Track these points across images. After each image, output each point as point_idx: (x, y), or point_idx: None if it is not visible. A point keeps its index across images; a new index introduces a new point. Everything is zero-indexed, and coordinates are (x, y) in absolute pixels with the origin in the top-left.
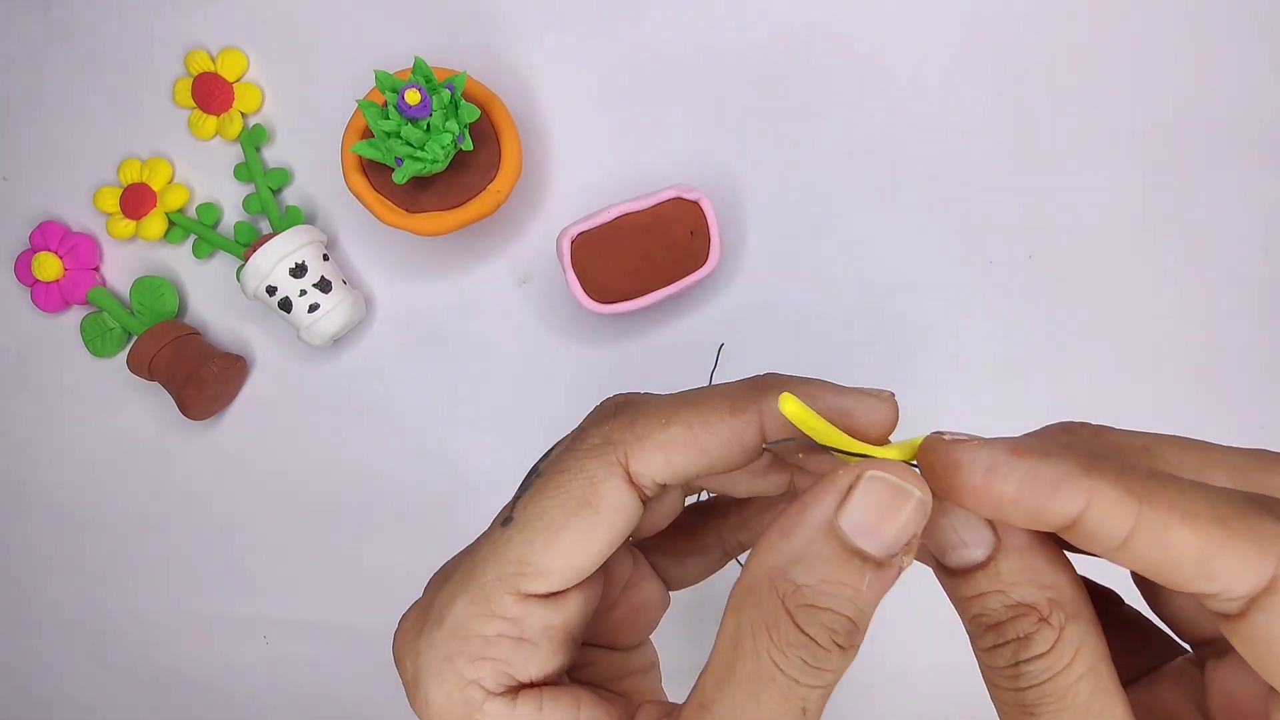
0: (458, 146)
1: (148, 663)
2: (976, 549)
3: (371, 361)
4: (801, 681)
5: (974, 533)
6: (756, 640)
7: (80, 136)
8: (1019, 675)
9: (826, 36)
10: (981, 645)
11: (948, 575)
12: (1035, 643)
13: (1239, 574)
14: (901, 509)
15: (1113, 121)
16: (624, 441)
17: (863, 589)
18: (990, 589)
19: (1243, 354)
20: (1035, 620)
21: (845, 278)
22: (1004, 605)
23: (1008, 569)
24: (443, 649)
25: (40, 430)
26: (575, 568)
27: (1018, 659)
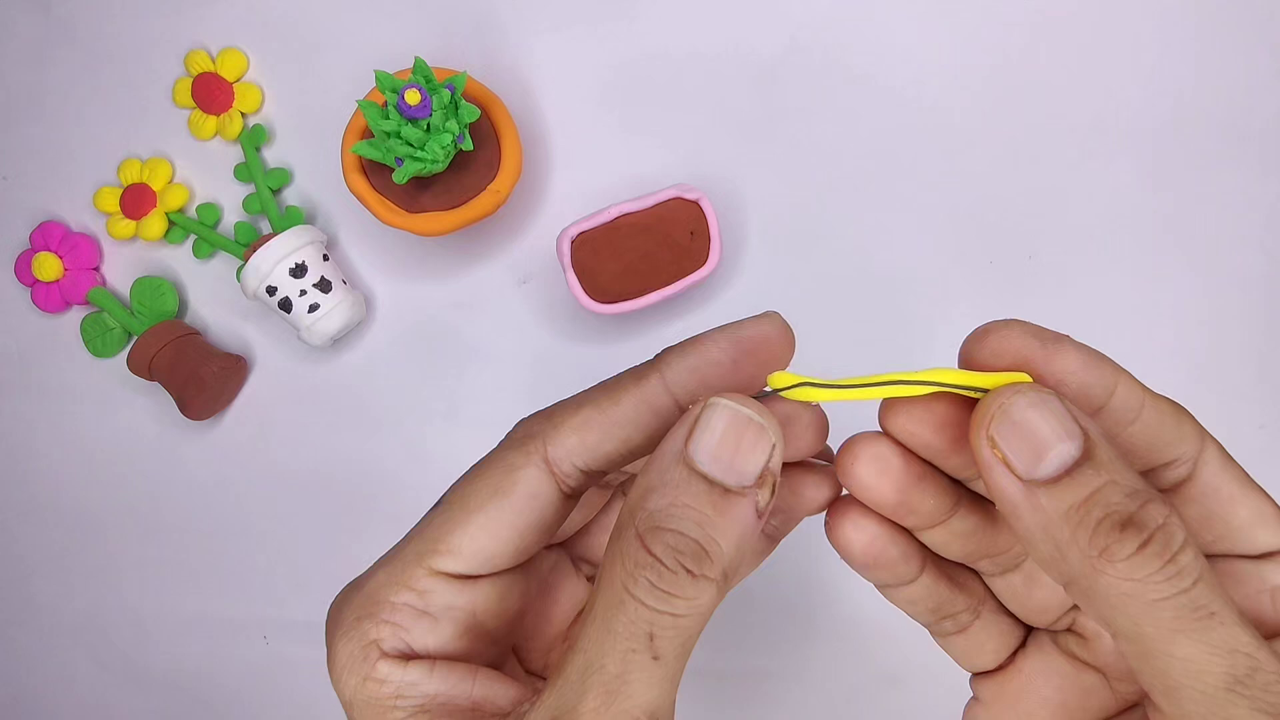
0: (458, 146)
1: (148, 663)
2: (1071, 442)
3: (371, 361)
4: (648, 604)
5: (1065, 422)
6: (612, 569)
7: (80, 136)
8: (1180, 573)
9: (826, 36)
10: (1123, 552)
11: (1049, 488)
12: (1175, 527)
13: (1193, 435)
14: (749, 438)
15: (1113, 121)
16: (541, 432)
17: (709, 513)
18: (1102, 481)
19: (1242, 354)
20: (1162, 505)
21: (845, 278)
22: (1125, 494)
23: (1107, 456)
24: (355, 610)
25: (40, 430)
26: (485, 551)
27: (1172, 551)
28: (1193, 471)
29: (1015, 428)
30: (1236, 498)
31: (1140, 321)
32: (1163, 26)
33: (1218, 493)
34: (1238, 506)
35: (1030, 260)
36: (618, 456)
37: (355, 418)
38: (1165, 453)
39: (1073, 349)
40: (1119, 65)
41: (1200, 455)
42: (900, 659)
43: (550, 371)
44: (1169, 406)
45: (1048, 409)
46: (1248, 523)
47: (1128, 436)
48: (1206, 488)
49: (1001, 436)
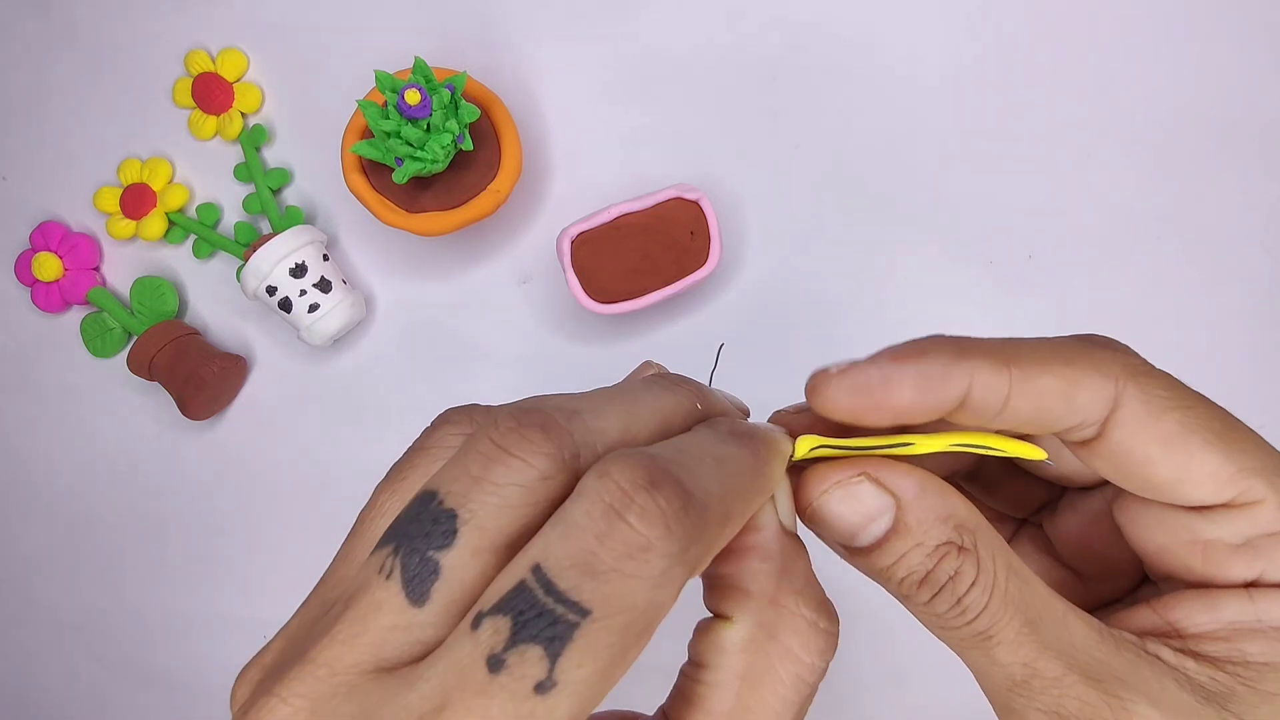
0: (458, 146)
1: (148, 663)
2: (881, 520)
3: (371, 361)
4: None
5: (872, 503)
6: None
7: (80, 136)
8: (964, 610)
9: (826, 36)
10: (920, 600)
11: (863, 556)
12: (965, 573)
13: (1094, 399)
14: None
15: (1113, 121)
16: (696, 559)
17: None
18: (907, 547)
19: (1243, 354)
20: (957, 554)
21: (845, 277)
22: (925, 555)
23: (914, 521)
24: None
25: (40, 430)
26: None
27: (958, 596)
28: (1101, 431)
29: (825, 524)
30: (1153, 459)
31: (1140, 321)
32: (1163, 27)
33: (1130, 454)
34: (1154, 469)
35: (1030, 260)
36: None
37: (355, 418)
38: (1056, 425)
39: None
40: (1119, 65)
41: (1112, 415)
42: (904, 657)
43: (550, 371)
44: (1053, 384)
45: (853, 501)
46: (1169, 482)
47: (1000, 423)
48: (1117, 448)
49: (818, 530)
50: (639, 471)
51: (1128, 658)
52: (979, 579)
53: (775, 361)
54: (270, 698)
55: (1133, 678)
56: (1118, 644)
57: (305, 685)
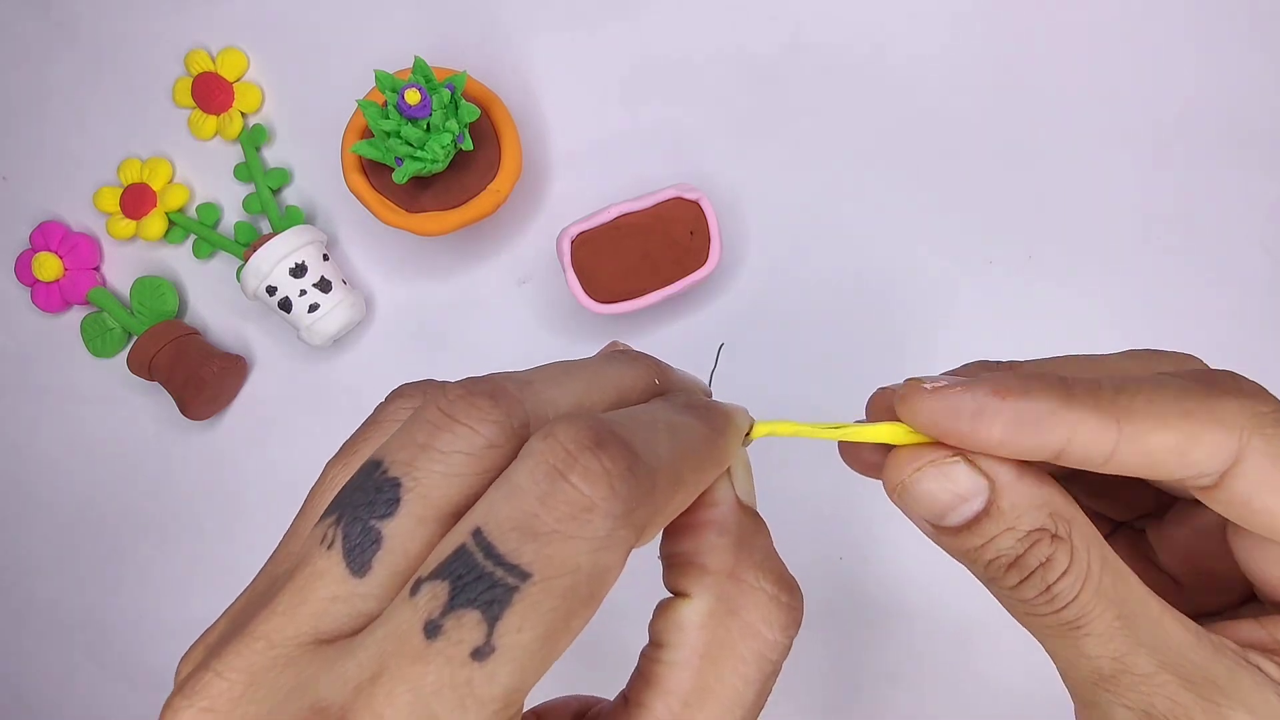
0: (458, 146)
1: (147, 663)
2: (974, 500)
3: (371, 361)
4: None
5: (966, 484)
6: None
7: (80, 136)
8: (1054, 597)
9: (826, 36)
10: (1007, 584)
11: (951, 534)
12: (1057, 561)
13: (1213, 455)
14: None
15: (1113, 121)
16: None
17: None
18: (999, 530)
19: (1243, 354)
20: (1049, 541)
21: (845, 277)
22: (1016, 540)
23: (1008, 505)
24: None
25: (40, 430)
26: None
27: (1048, 583)
28: (1219, 482)
29: (915, 500)
30: (1276, 511)
31: (1140, 321)
32: (1164, 27)
33: (1249, 504)
34: (1274, 519)
35: (1030, 260)
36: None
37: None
38: (1168, 477)
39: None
40: (1120, 65)
41: (1233, 468)
42: (900, 657)
43: None
44: (1168, 440)
45: (946, 480)
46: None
47: (1104, 470)
48: (1236, 497)
49: (905, 507)
50: (584, 432)
51: (1226, 664)
52: (1072, 568)
53: (775, 361)
54: (207, 672)
55: (1230, 685)
56: (1217, 650)
57: (242, 659)
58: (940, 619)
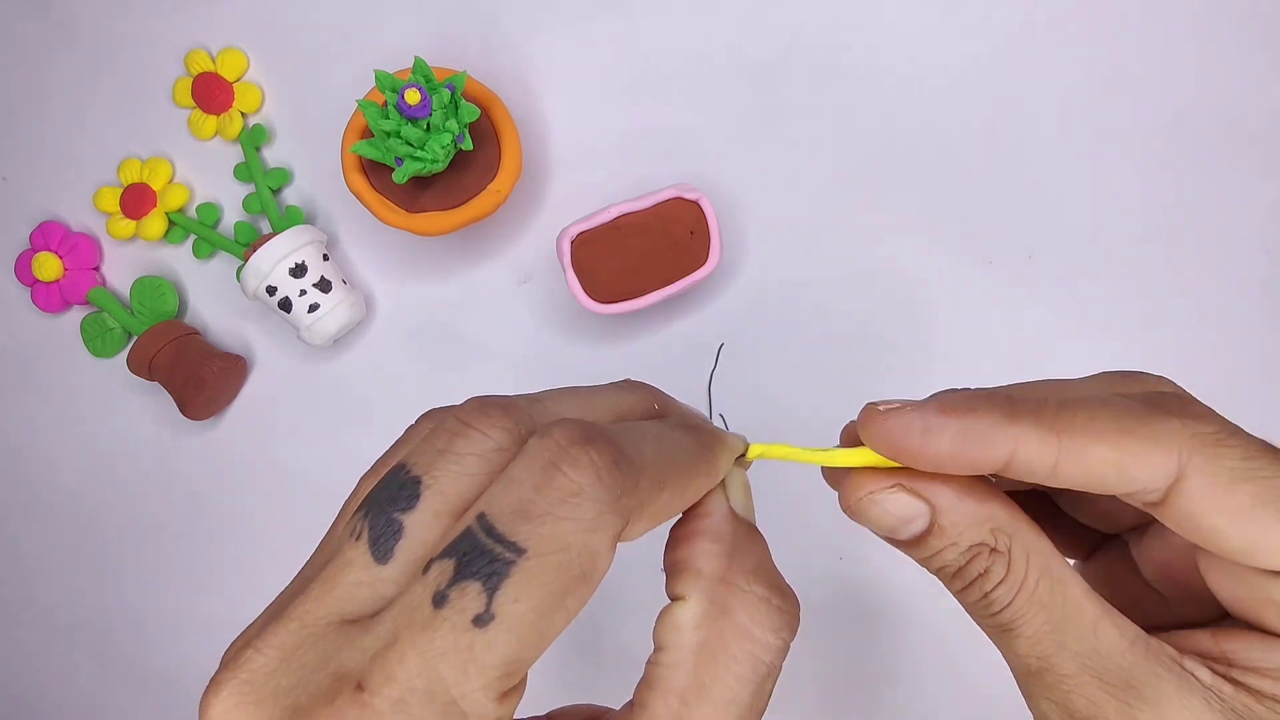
0: (458, 146)
1: (148, 663)
2: (916, 522)
3: (371, 361)
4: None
5: (906, 509)
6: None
7: (80, 136)
8: (990, 603)
9: (826, 36)
10: (954, 589)
11: (903, 546)
12: (993, 572)
13: (1152, 473)
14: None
15: (1113, 121)
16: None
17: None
18: (942, 545)
19: (1242, 354)
20: (988, 555)
21: (845, 277)
22: (959, 553)
23: (949, 524)
24: None
25: (40, 430)
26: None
27: (985, 591)
28: (1164, 498)
29: (867, 520)
30: (1221, 530)
31: (1140, 321)
32: (1163, 26)
33: (1197, 523)
34: (1223, 538)
35: (1030, 260)
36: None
37: (355, 418)
38: (1111, 491)
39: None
40: (1119, 65)
41: (1176, 485)
42: (898, 657)
43: (550, 371)
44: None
45: (890, 506)
46: (1239, 550)
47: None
48: (1181, 514)
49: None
50: (576, 431)
51: (1153, 669)
52: (1007, 578)
53: (775, 362)
54: (248, 649)
55: (1150, 689)
56: (1148, 654)
57: (277, 637)
58: (938, 619)
